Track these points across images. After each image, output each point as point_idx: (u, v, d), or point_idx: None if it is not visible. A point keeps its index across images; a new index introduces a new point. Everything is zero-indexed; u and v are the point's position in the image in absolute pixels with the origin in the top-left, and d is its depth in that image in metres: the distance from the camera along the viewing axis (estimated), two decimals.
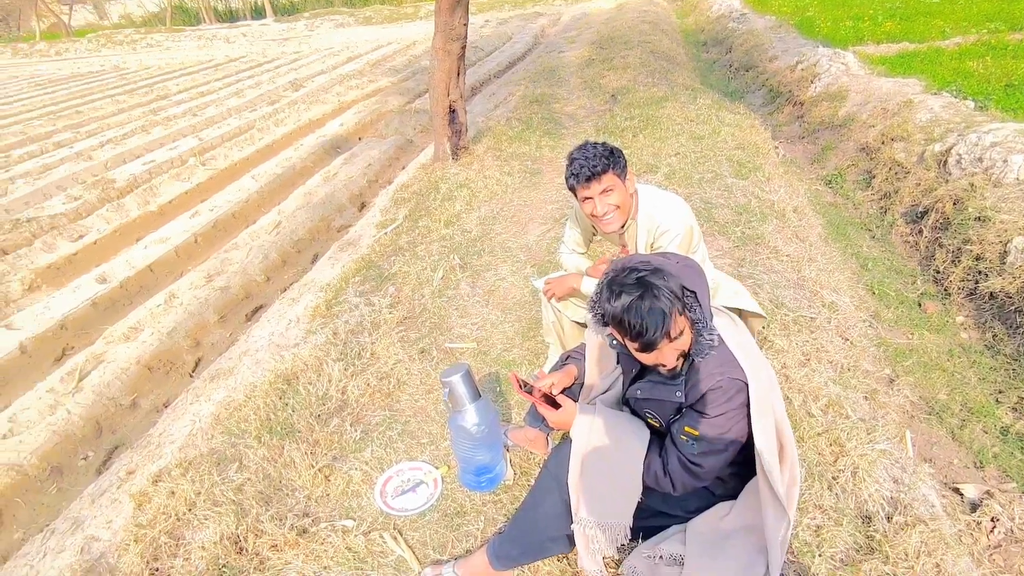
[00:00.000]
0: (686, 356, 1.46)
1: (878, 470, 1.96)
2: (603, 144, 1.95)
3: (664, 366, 1.46)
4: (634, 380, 1.65)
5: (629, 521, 1.55)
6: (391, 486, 2.19)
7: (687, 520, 1.63)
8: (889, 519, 1.80)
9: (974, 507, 2.26)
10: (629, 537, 1.57)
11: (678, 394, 1.49)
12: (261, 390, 2.83)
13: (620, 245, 2.18)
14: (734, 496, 1.60)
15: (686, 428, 1.47)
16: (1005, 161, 3.68)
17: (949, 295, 3.49)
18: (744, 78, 8.43)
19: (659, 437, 1.59)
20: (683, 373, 1.48)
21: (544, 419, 1.67)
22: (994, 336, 3.10)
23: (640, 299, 1.35)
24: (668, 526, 1.65)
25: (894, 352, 3.04)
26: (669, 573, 1.54)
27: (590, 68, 8.48)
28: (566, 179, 2.00)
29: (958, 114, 4.77)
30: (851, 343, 2.76)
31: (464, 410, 2.01)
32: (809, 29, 9.43)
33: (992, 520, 2.15)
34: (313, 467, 2.25)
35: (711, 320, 1.46)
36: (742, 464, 1.55)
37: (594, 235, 2.23)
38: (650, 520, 1.64)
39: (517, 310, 3.17)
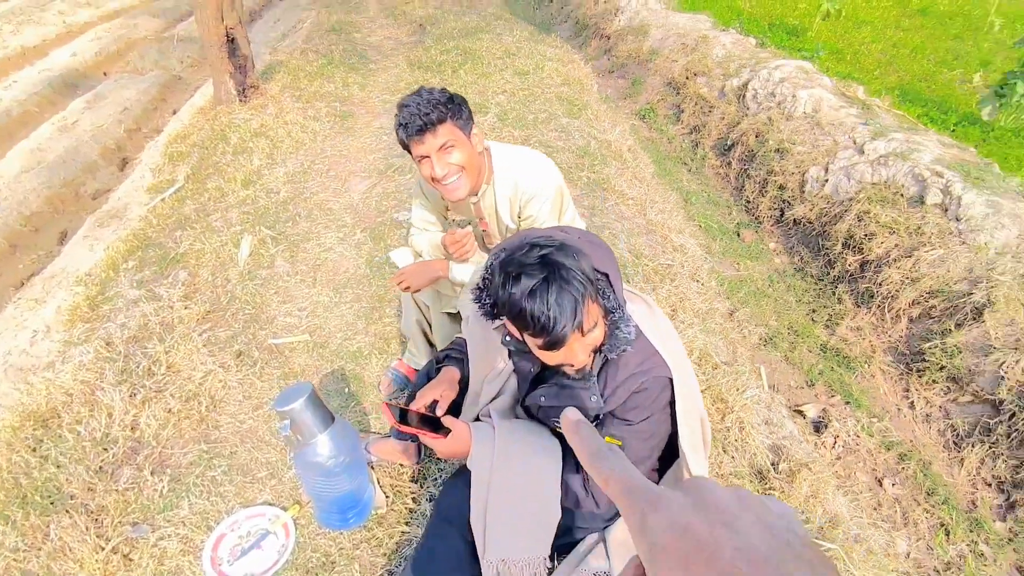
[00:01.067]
0: (598, 351, 1.21)
1: (754, 417, 1.97)
2: (441, 90, 1.55)
3: (572, 366, 1.18)
4: (534, 383, 1.37)
5: (547, 551, 1.30)
6: (225, 547, 1.68)
7: (603, 529, 1.43)
8: (776, 467, 1.81)
9: (816, 425, 2.47)
10: (548, 567, 1.32)
11: (593, 399, 1.23)
12: (1, 440, 2.03)
13: (477, 218, 1.82)
14: None
15: (607, 439, 1.23)
16: (794, 96, 4.02)
17: (761, 223, 3.79)
18: (549, 9, 8.31)
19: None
20: (595, 373, 1.23)
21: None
22: (801, 259, 3.42)
23: (545, 283, 1.05)
24: (582, 539, 1.45)
25: (728, 285, 3.20)
26: None
27: None
28: (396, 131, 1.57)
29: (746, 50, 5.13)
30: (702, 284, 2.81)
31: (314, 442, 1.56)
32: None
33: (833, 437, 2.36)
34: (102, 548, 1.64)
35: (625, 307, 1.21)
36: (661, 459, 1.38)
37: (448, 210, 1.83)
38: (563, 538, 1.42)
39: (353, 286, 2.68)
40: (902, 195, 2.97)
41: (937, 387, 2.50)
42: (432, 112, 1.48)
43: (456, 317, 1.95)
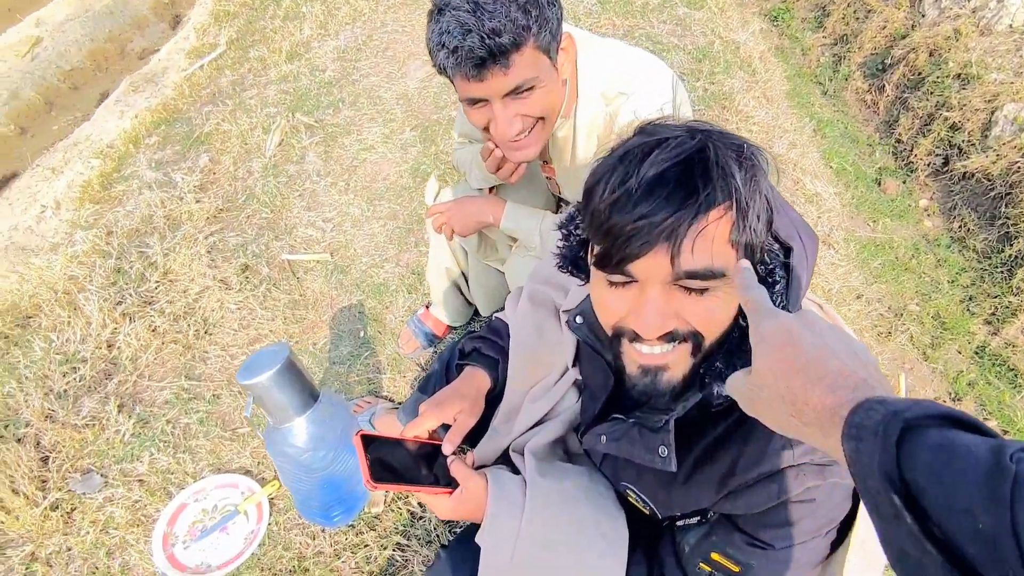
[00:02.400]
0: (711, 363, 0.67)
1: None
2: None
3: (697, 338, 0.64)
4: (601, 416, 0.85)
5: None
6: (184, 522, 1.36)
7: None
8: None
9: None
10: None
11: (663, 450, 0.71)
12: None
13: (540, 161, 1.23)
14: None
15: (715, 555, 0.73)
16: (1001, 2, 2.99)
17: (912, 171, 2.95)
18: None
19: (645, 527, 0.85)
20: (673, 403, 0.70)
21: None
22: (964, 226, 2.63)
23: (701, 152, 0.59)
24: None
25: (861, 249, 2.50)
26: None
27: None
28: (430, 51, 0.93)
29: None
30: (836, 251, 2.15)
31: (288, 428, 1.15)
32: None
33: None
34: (37, 504, 1.34)
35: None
36: None
37: None
38: None
39: (390, 199, 2.19)
40: None
41: None
42: (504, 29, 0.85)
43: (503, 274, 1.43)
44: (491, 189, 1.33)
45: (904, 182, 2.95)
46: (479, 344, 1.02)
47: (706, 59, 2.62)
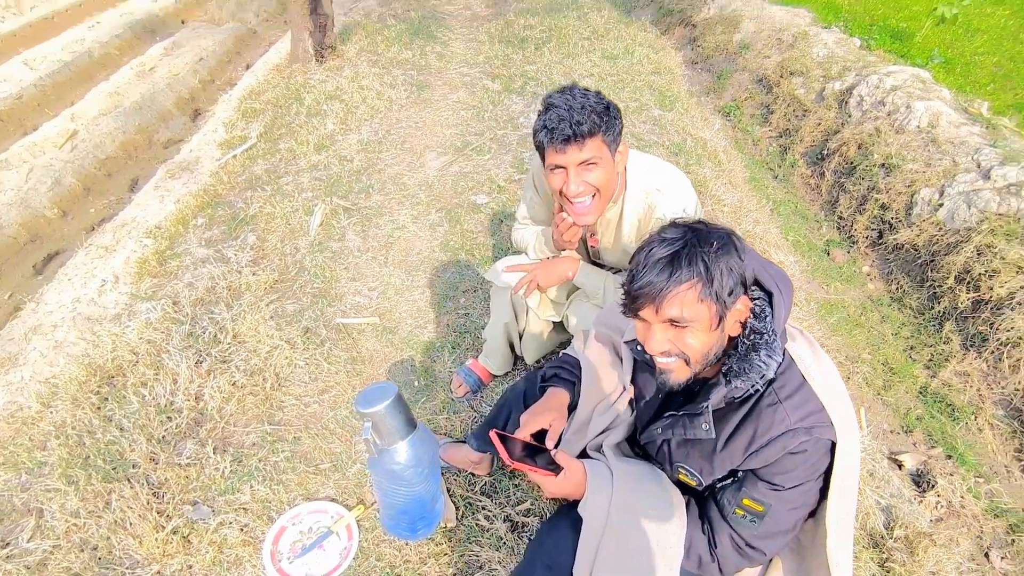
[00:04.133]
0: (726, 376, 1.04)
1: (862, 469, 1.77)
2: (596, 94, 1.36)
3: (687, 358, 1.02)
4: (655, 416, 1.20)
5: None
6: (286, 542, 1.59)
7: None
8: (890, 533, 1.62)
9: (915, 478, 2.24)
10: None
11: (705, 426, 1.07)
12: (67, 393, 1.99)
13: (589, 233, 1.65)
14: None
15: (745, 501, 1.06)
16: (908, 107, 3.67)
17: (854, 243, 3.50)
18: None
19: (694, 497, 1.18)
20: (708, 394, 1.06)
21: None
22: (900, 288, 3.14)
23: (696, 244, 0.99)
24: None
25: (819, 308, 2.96)
26: None
27: None
28: (535, 132, 1.39)
29: (851, 52, 4.74)
30: (799, 308, 2.59)
31: (394, 449, 1.44)
32: None
33: (937, 496, 2.13)
34: (162, 527, 1.56)
35: (782, 340, 1.03)
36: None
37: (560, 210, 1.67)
38: None
39: (426, 270, 2.55)
40: None
41: None
42: (584, 122, 1.30)
43: (554, 329, 1.81)
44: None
45: (848, 252, 3.48)
46: (558, 370, 1.37)
47: (681, 153, 3.15)
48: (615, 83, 3.87)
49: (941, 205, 3.11)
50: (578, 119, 1.29)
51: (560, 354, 1.45)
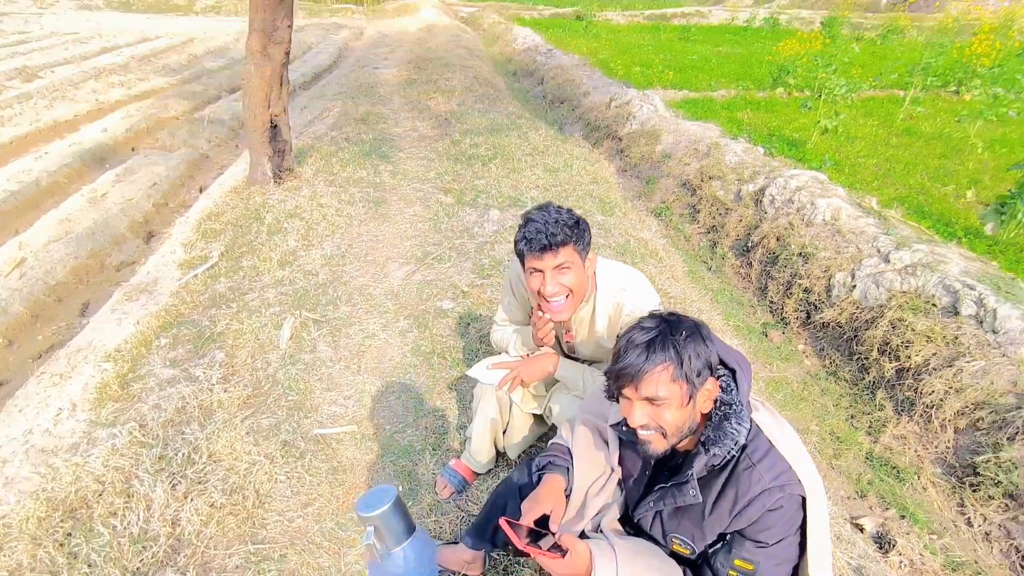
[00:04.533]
0: (704, 445, 1.18)
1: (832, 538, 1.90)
2: (568, 211, 1.61)
3: (663, 431, 1.17)
4: (645, 492, 1.32)
5: None
6: None
7: None
8: None
9: (876, 539, 2.38)
10: None
11: (692, 492, 1.20)
12: (23, 532, 1.89)
13: (564, 329, 1.84)
14: None
15: (737, 562, 1.17)
16: (812, 204, 4.21)
17: (787, 324, 3.84)
18: (560, 110, 8.81)
19: (688, 567, 1.28)
20: (691, 464, 1.20)
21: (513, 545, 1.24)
22: (833, 363, 3.44)
23: (655, 331, 1.18)
24: None
25: (766, 386, 3.19)
26: None
27: (412, 88, 8.08)
28: (516, 242, 1.61)
29: (757, 159, 5.42)
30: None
31: (397, 553, 1.46)
32: (609, 70, 10.27)
33: (899, 555, 2.27)
34: None
35: (748, 410, 1.20)
36: None
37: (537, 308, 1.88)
38: None
39: (400, 376, 2.63)
40: (935, 305, 3.05)
41: (994, 503, 2.45)
42: (558, 233, 1.54)
43: (535, 422, 1.92)
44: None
45: (783, 332, 3.81)
46: (551, 458, 1.47)
47: (626, 252, 3.46)
48: (559, 193, 4.26)
49: (855, 286, 3.51)
50: (553, 231, 1.53)
51: (549, 443, 1.56)
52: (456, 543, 1.78)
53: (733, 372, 1.23)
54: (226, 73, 9.88)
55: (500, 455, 2.11)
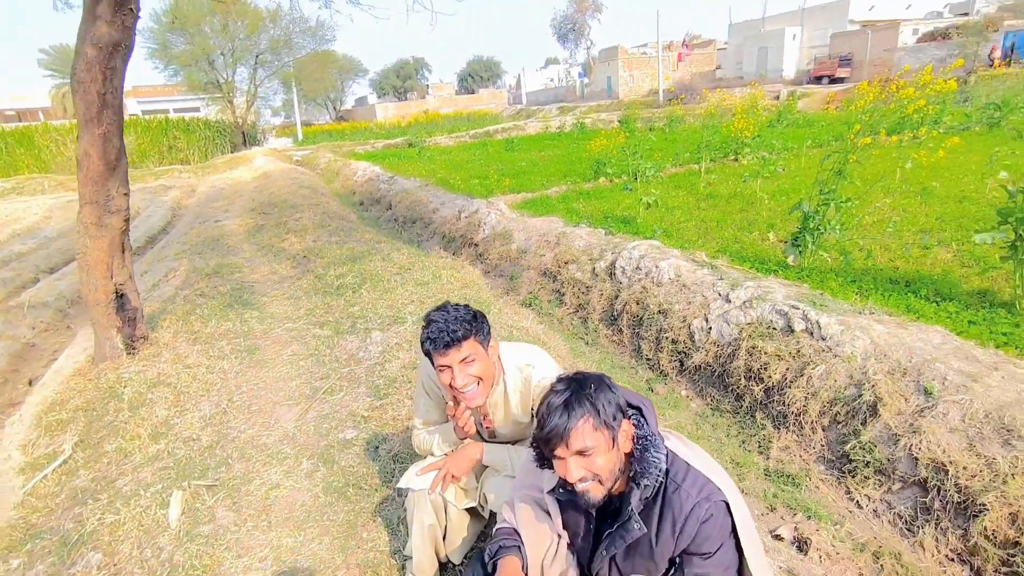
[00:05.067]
0: (634, 481, 1.32)
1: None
2: (465, 307, 1.76)
3: (599, 478, 1.28)
4: (595, 543, 1.40)
5: None
6: None
7: None
8: None
9: (795, 543, 2.60)
10: None
11: (637, 525, 1.33)
12: None
13: (481, 415, 1.93)
14: None
15: None
16: (657, 267, 4.80)
17: (666, 375, 4.21)
18: (414, 229, 9.22)
19: None
20: (628, 501, 1.33)
21: None
22: (713, 399, 3.82)
23: (566, 392, 1.32)
24: None
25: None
26: None
27: (262, 234, 8.02)
28: (422, 343, 1.71)
29: (601, 239, 6.09)
30: None
31: None
32: (451, 187, 11.05)
33: (816, 550, 2.50)
34: None
35: (660, 439, 1.36)
36: None
37: (455, 402, 1.95)
38: None
39: (316, 520, 2.47)
40: (775, 328, 3.58)
41: (870, 482, 2.82)
42: (458, 329, 1.67)
43: (472, 520, 1.92)
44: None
45: (665, 383, 4.16)
46: (500, 542, 1.50)
47: (512, 342, 3.65)
48: (434, 302, 4.41)
49: (711, 328, 4.00)
50: (453, 328, 1.65)
51: (495, 530, 1.58)
52: None
53: (639, 410, 1.40)
54: (41, 253, 9.09)
55: (443, 566, 2.04)
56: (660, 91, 32.86)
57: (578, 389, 1.30)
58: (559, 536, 1.47)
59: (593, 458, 1.26)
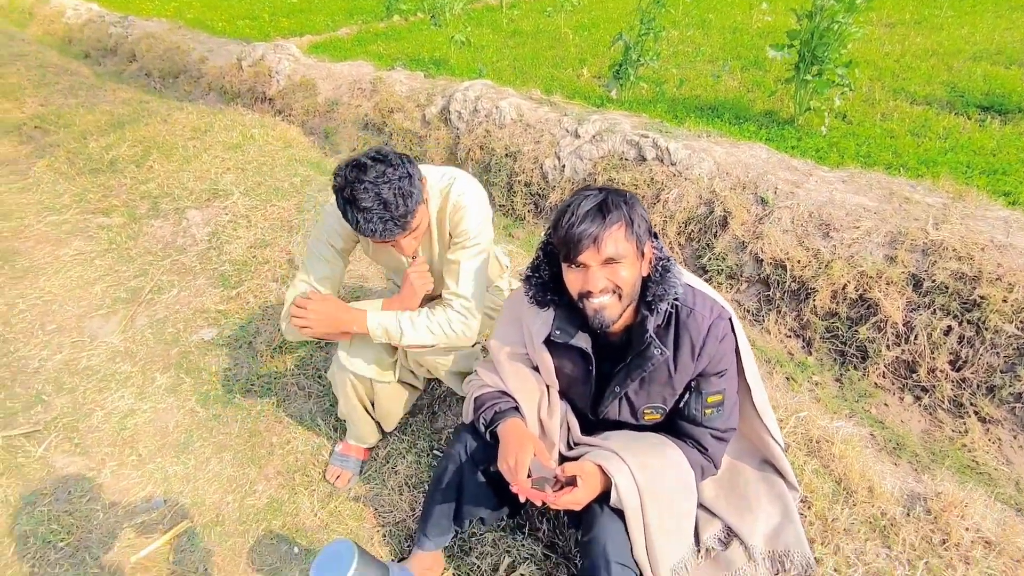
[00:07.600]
0: (650, 307, 1.25)
1: None
2: (387, 165, 1.38)
3: (620, 292, 1.20)
4: (599, 390, 1.34)
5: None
6: None
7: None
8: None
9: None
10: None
11: (658, 351, 1.24)
12: None
13: (410, 257, 1.64)
14: None
15: (709, 399, 1.30)
16: (497, 107, 4.55)
17: (524, 220, 4.20)
18: (178, 85, 7.49)
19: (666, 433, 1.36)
20: (644, 328, 1.26)
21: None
22: None
23: (614, 195, 1.20)
24: None
25: None
26: (730, 554, 1.40)
27: None
28: (361, 232, 1.41)
29: (423, 83, 5.55)
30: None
31: None
32: (213, 30, 9.01)
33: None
34: None
35: (675, 266, 1.30)
36: None
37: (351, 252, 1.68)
38: None
39: (206, 436, 2.04)
40: (627, 158, 3.69)
41: (723, 287, 3.22)
42: (405, 213, 1.40)
43: (413, 388, 1.73)
44: None
45: (523, 228, 4.14)
46: (496, 407, 1.37)
47: None
48: (259, 166, 3.67)
49: (564, 166, 4.00)
50: (400, 213, 1.38)
51: (477, 397, 1.42)
52: (404, 558, 1.56)
53: (655, 236, 1.30)
54: None
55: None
56: None
57: (614, 195, 1.19)
58: (548, 387, 1.38)
59: (620, 268, 1.17)
